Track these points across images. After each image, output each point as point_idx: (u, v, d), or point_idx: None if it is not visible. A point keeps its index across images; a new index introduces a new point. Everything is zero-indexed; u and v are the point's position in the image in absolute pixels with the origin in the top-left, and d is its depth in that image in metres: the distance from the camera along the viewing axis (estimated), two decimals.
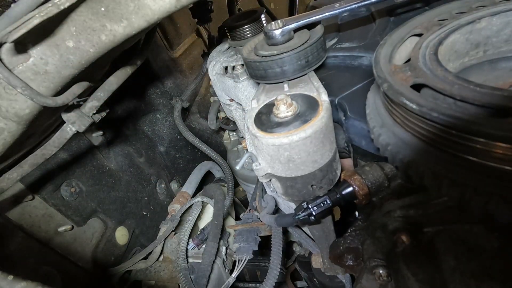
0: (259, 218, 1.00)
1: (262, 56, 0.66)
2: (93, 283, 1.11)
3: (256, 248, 0.96)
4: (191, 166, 1.64)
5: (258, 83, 0.76)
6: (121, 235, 1.28)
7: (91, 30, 0.59)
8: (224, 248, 1.16)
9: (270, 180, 0.66)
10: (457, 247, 0.44)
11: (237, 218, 1.36)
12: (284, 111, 0.58)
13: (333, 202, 0.57)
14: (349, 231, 0.66)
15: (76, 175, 1.15)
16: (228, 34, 0.96)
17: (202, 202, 1.22)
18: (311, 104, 0.58)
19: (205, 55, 1.64)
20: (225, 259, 1.15)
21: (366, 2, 0.63)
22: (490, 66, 0.56)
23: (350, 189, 0.56)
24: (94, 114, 0.79)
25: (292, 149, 0.54)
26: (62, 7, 0.52)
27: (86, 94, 0.77)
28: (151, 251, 1.19)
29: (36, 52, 0.60)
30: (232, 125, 1.34)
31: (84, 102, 0.77)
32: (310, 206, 0.57)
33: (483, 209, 0.41)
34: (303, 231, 0.93)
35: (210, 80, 1.05)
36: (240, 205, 1.50)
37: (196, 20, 1.45)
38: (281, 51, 0.63)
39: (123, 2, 0.56)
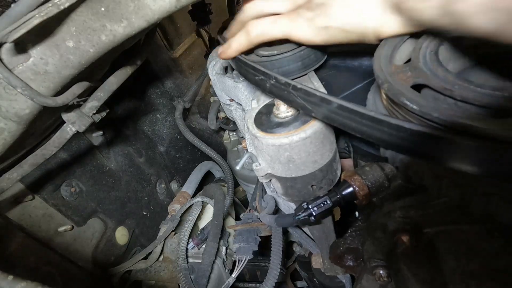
0: (259, 218, 1.00)
1: (262, 56, 0.66)
2: (93, 283, 1.11)
3: (256, 248, 0.96)
4: (191, 166, 1.64)
5: None
6: (121, 235, 1.28)
7: (91, 30, 0.59)
8: (224, 248, 1.16)
9: (270, 181, 0.66)
10: (457, 247, 0.44)
11: (237, 218, 1.35)
12: (284, 111, 0.58)
13: (333, 203, 0.57)
14: (349, 231, 0.66)
15: (76, 175, 1.15)
16: None
17: (202, 202, 1.22)
18: None
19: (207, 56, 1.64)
20: (225, 259, 1.15)
21: None
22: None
23: (350, 189, 0.56)
24: (94, 114, 0.79)
25: (292, 149, 0.54)
26: (62, 7, 0.52)
27: (86, 94, 0.77)
28: (151, 251, 1.19)
29: (36, 52, 0.60)
30: (232, 125, 1.34)
31: (84, 102, 0.77)
32: (310, 207, 0.57)
33: (483, 209, 0.41)
34: (303, 231, 0.92)
35: (210, 80, 1.05)
36: (240, 205, 1.50)
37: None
38: (282, 51, 0.63)
39: (123, 2, 0.56)
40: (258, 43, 0.59)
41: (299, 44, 0.63)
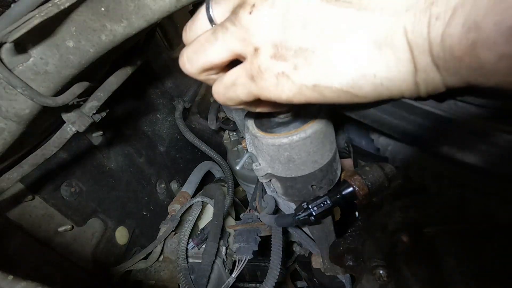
0: (259, 218, 1.00)
1: None
2: (93, 283, 1.11)
3: (256, 248, 0.96)
4: (191, 166, 1.64)
5: None
6: (121, 235, 1.28)
7: (91, 30, 0.59)
8: (224, 248, 1.16)
9: (270, 180, 0.66)
10: (457, 247, 0.44)
11: (237, 218, 1.36)
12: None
13: (333, 202, 0.57)
14: (349, 231, 0.66)
15: (76, 175, 1.15)
16: None
17: (202, 202, 1.22)
18: None
19: None
20: (225, 259, 1.15)
21: None
22: None
23: (350, 189, 0.56)
24: (94, 114, 0.79)
25: (292, 149, 0.54)
26: (62, 7, 0.52)
27: (86, 94, 0.77)
28: (151, 251, 1.19)
29: (36, 52, 0.60)
30: (232, 125, 1.34)
31: (84, 102, 0.77)
32: (310, 207, 0.57)
33: (483, 209, 0.41)
34: (303, 231, 0.92)
35: None
36: (240, 205, 1.50)
37: None
38: None
39: (123, 2, 0.56)
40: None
41: None
